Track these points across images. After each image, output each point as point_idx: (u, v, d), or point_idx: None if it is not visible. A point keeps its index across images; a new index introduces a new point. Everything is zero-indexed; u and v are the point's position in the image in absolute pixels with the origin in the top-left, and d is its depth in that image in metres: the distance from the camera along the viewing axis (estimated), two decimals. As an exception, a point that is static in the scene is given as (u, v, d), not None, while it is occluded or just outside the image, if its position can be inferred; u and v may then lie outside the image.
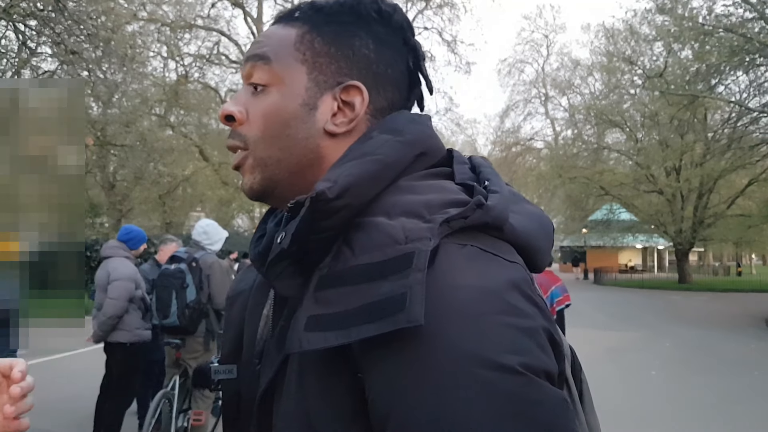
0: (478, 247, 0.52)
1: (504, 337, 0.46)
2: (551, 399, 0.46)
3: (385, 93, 0.65)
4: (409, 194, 0.56)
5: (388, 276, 0.48)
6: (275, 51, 0.64)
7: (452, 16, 25.85)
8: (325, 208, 0.53)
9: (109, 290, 4.01)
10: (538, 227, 0.62)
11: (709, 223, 24.55)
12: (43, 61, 12.61)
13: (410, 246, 0.49)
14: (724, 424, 5.21)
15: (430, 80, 0.70)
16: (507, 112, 41.40)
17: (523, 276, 0.53)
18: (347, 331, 0.47)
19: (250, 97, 0.65)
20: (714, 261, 49.71)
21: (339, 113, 0.63)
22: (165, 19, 18.95)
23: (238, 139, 0.64)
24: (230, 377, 0.76)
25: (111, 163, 18.98)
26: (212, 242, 4.19)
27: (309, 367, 0.53)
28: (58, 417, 5.05)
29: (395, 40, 0.66)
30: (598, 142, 28.23)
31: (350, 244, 0.53)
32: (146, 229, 20.99)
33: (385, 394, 0.46)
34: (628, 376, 7.22)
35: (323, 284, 0.52)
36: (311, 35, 0.64)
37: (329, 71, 0.63)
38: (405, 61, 0.67)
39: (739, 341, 10.22)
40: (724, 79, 18.09)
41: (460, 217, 0.52)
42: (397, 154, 0.59)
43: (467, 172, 0.62)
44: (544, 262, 0.62)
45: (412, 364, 0.46)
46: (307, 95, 0.63)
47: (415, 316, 0.45)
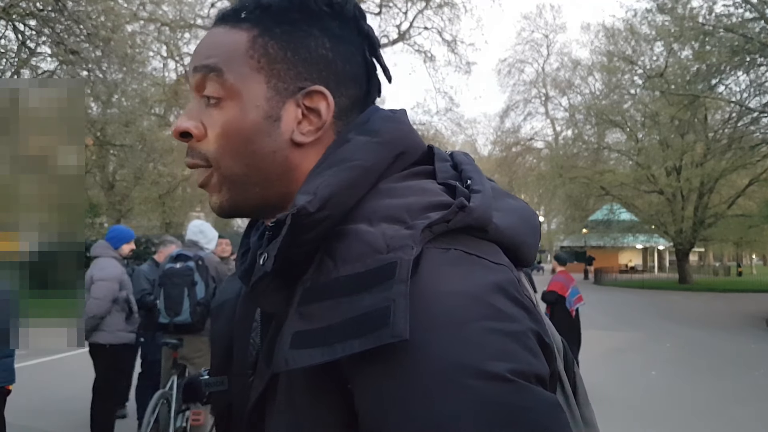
0: (461, 251, 0.51)
1: (491, 343, 0.45)
2: (543, 404, 0.44)
3: (347, 91, 0.62)
4: (390, 198, 0.54)
5: (370, 288, 0.47)
6: (226, 60, 0.59)
7: (452, 16, 25.76)
8: (307, 221, 0.52)
9: (93, 290, 3.99)
10: (523, 222, 0.60)
11: (709, 223, 24.56)
12: (43, 60, 12.62)
13: (392, 256, 0.48)
14: (725, 425, 5.21)
15: (387, 67, 0.67)
16: (507, 112, 41.47)
17: (508, 278, 0.51)
18: (332, 348, 0.46)
19: (205, 110, 0.60)
20: (714, 261, 49.71)
21: (304, 121, 0.60)
22: (165, 19, 18.95)
23: (198, 157, 0.60)
24: (221, 389, 0.74)
25: (110, 163, 19.00)
26: (208, 241, 4.26)
27: (297, 383, 0.51)
28: (58, 417, 5.05)
29: (350, 33, 0.62)
30: (598, 142, 28.24)
31: (332, 255, 0.51)
32: (146, 229, 21.14)
33: (373, 408, 0.45)
34: (628, 376, 7.22)
35: (307, 298, 0.50)
36: (263, 39, 0.59)
37: (288, 77, 0.59)
38: (361, 52, 0.64)
39: (739, 341, 10.23)
40: (724, 79, 18.12)
41: (442, 221, 0.51)
42: (376, 156, 0.57)
43: (449, 170, 0.60)
44: (532, 256, 0.61)
45: (399, 377, 0.44)
46: (269, 106, 0.59)
47: (399, 331, 0.44)
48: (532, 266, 0.67)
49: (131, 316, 4.21)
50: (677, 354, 8.92)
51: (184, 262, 3.95)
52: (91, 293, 3.98)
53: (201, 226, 4.28)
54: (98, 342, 4.04)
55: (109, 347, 4.07)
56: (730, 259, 49.66)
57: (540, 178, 29.07)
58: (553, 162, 27.80)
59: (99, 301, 3.97)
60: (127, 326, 4.18)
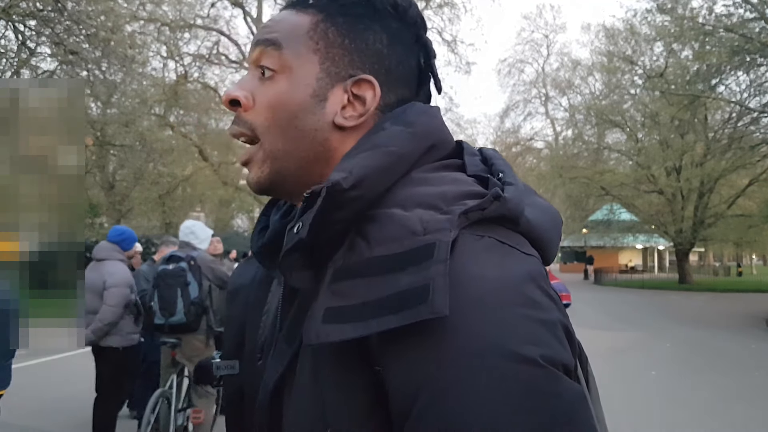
0: (495, 239, 0.52)
1: (525, 328, 0.46)
2: (570, 393, 0.45)
3: (395, 89, 0.64)
4: (424, 186, 0.56)
5: (407, 268, 0.48)
6: (287, 37, 0.62)
7: (452, 16, 25.86)
8: (340, 198, 0.52)
9: (106, 296, 4.00)
10: (550, 220, 0.62)
11: (709, 223, 24.53)
12: (43, 61, 12.61)
13: (429, 237, 0.49)
14: (725, 425, 5.21)
15: (440, 79, 0.69)
16: (507, 112, 41.48)
17: (539, 269, 0.52)
18: (366, 323, 0.47)
19: (257, 83, 0.63)
20: (714, 261, 49.69)
21: (349, 106, 0.62)
22: (165, 19, 18.93)
23: (244, 126, 0.63)
24: (232, 373, 0.75)
25: (110, 163, 18.98)
26: (200, 241, 4.29)
27: (324, 361, 0.52)
28: (58, 417, 5.05)
29: (408, 36, 0.65)
30: (598, 142, 28.22)
31: (365, 236, 0.52)
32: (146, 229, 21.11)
33: (405, 386, 0.46)
34: (628, 376, 7.22)
35: (339, 276, 0.51)
36: (325, 24, 0.62)
37: (342, 63, 0.62)
38: (416, 58, 0.66)
39: (739, 341, 10.22)
40: (724, 79, 18.12)
41: (477, 208, 0.52)
42: (410, 146, 0.58)
43: (478, 164, 0.62)
44: (554, 254, 0.62)
45: (434, 355, 0.45)
46: (318, 86, 0.61)
47: (439, 307, 0.44)
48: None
49: (139, 317, 4.23)
50: (677, 354, 8.91)
51: (177, 263, 3.97)
52: (105, 300, 3.99)
53: (192, 227, 4.30)
54: (111, 345, 4.05)
55: (122, 350, 4.10)
56: (730, 259, 49.65)
57: (540, 178, 29.02)
58: (553, 162, 27.79)
59: (113, 308, 3.99)
60: (136, 328, 4.21)
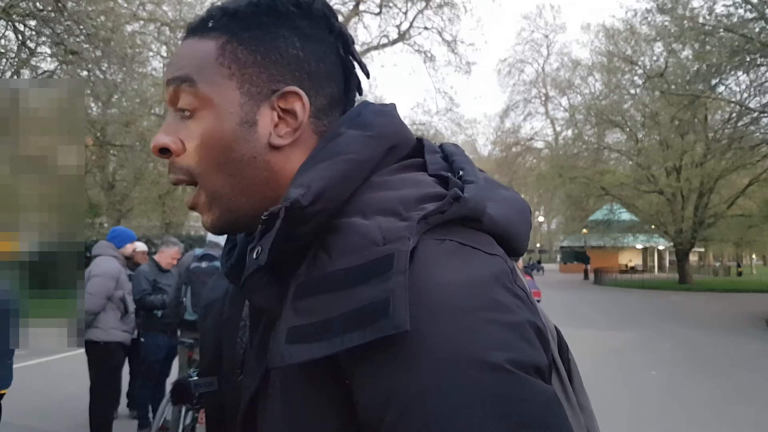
0: (456, 242, 0.51)
1: (489, 333, 0.45)
2: (541, 396, 0.45)
3: (323, 90, 0.61)
4: (383, 191, 0.54)
5: (369, 280, 0.47)
6: (197, 70, 0.58)
7: (452, 16, 25.77)
8: (300, 215, 0.51)
9: (87, 285, 4.03)
10: (516, 212, 0.61)
11: (709, 223, 24.54)
12: (43, 61, 12.62)
13: (389, 247, 0.48)
14: (725, 425, 5.21)
15: (364, 63, 0.66)
16: (507, 112, 41.58)
17: (503, 268, 0.51)
18: (330, 342, 0.46)
19: (181, 124, 0.59)
20: (714, 261, 49.71)
21: (281, 123, 0.59)
22: (165, 19, 18.93)
23: (180, 172, 0.60)
24: (211, 390, 0.74)
25: (110, 163, 18.99)
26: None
27: (293, 379, 0.51)
28: (58, 417, 5.05)
29: (320, 31, 0.62)
30: (598, 142, 28.23)
31: (327, 249, 0.51)
32: (146, 229, 21.12)
33: (374, 399, 0.45)
34: (628, 376, 7.22)
35: (301, 293, 0.50)
36: (232, 45, 0.59)
37: (261, 81, 0.59)
38: (334, 50, 0.63)
39: (739, 341, 10.22)
40: (724, 79, 18.12)
41: (437, 212, 0.51)
42: (369, 150, 0.56)
43: (440, 162, 0.61)
44: (524, 245, 0.62)
45: (399, 368, 0.45)
46: (243, 112, 0.58)
47: (399, 322, 0.44)
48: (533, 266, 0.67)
49: (126, 315, 4.22)
50: (677, 354, 8.92)
51: (210, 262, 4.01)
52: (86, 289, 4.01)
53: None
54: (92, 339, 4.06)
55: (103, 344, 4.09)
56: (730, 259, 49.63)
57: (540, 178, 29.05)
58: (553, 162, 27.82)
59: (93, 296, 4.00)
60: (121, 325, 4.20)
